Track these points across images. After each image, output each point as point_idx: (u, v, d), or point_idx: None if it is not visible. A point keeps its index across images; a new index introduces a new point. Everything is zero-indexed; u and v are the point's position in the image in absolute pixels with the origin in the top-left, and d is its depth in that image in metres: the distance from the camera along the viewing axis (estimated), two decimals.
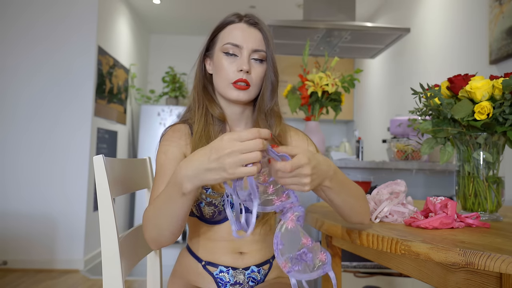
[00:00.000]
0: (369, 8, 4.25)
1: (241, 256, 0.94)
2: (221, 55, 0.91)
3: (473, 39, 2.45)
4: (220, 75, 0.91)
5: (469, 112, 0.92)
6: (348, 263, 1.96)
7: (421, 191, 2.14)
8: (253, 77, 0.90)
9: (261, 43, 0.91)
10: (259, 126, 0.95)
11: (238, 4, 4.19)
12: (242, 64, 0.88)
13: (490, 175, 0.96)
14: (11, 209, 3.07)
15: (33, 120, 3.14)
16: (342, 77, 2.18)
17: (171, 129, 0.94)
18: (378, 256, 0.91)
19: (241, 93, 0.89)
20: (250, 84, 0.89)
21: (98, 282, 2.80)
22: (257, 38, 0.90)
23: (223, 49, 0.90)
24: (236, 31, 0.90)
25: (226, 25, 0.92)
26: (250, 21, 0.92)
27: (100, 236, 0.80)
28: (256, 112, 0.96)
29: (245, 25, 0.91)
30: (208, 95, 0.96)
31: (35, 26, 3.17)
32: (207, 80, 0.97)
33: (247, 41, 0.89)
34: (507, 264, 0.57)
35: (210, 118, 0.94)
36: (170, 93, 4.67)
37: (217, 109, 0.94)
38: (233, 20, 0.92)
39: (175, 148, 0.90)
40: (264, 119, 0.96)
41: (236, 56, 0.90)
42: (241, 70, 0.88)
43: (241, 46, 0.89)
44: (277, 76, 0.95)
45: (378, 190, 0.96)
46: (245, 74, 0.88)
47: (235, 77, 0.88)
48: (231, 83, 0.89)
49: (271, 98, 0.95)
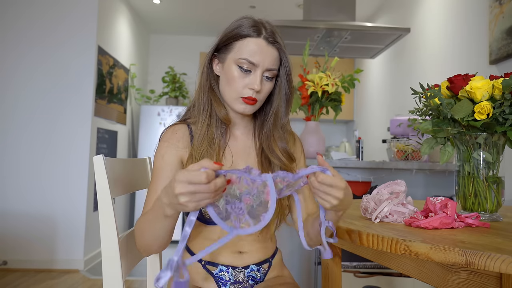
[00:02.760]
0: (369, 8, 4.25)
1: (240, 255, 0.94)
2: (234, 66, 0.89)
3: (473, 39, 2.45)
4: (230, 86, 0.90)
5: (469, 112, 0.92)
6: (348, 263, 1.96)
7: (421, 191, 2.14)
8: (261, 95, 0.91)
9: (275, 62, 0.91)
10: (274, 140, 0.95)
11: (238, 4, 4.19)
12: (254, 83, 0.88)
13: (490, 175, 0.96)
14: (11, 209, 3.07)
15: (33, 120, 3.14)
16: (342, 77, 2.18)
17: (171, 129, 0.94)
18: (378, 256, 0.91)
19: (248, 107, 0.90)
20: (258, 100, 0.91)
21: (98, 282, 2.80)
22: (273, 56, 0.90)
23: (237, 62, 0.88)
24: (254, 47, 0.88)
25: (245, 36, 0.89)
26: (269, 39, 0.89)
27: (100, 236, 0.80)
28: (272, 126, 0.96)
29: (264, 42, 0.89)
30: (215, 96, 0.95)
31: (35, 26, 3.17)
32: (214, 80, 0.96)
33: (264, 60, 0.88)
34: (507, 264, 0.57)
35: (214, 120, 0.94)
36: (170, 93, 4.67)
37: (223, 110, 0.94)
38: (252, 33, 0.89)
39: (173, 151, 0.90)
40: (280, 132, 0.96)
41: (249, 71, 0.89)
42: (252, 88, 0.88)
43: (257, 65, 0.88)
44: (292, 91, 0.96)
45: (378, 190, 0.96)
46: (255, 93, 0.89)
47: (245, 93, 0.89)
48: (240, 97, 0.89)
49: (285, 113, 0.97)
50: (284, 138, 0.96)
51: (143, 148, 4.40)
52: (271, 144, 0.95)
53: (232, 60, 0.89)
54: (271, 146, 0.95)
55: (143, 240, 0.80)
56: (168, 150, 0.90)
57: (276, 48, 0.90)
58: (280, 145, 0.95)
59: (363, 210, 0.96)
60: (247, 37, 0.89)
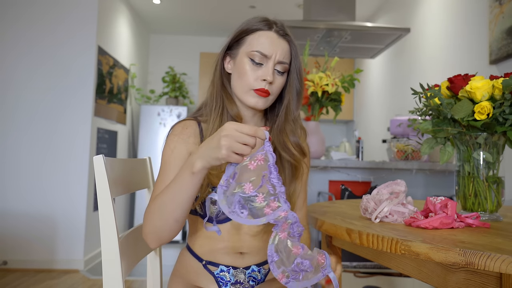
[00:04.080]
0: (369, 8, 4.25)
1: (241, 255, 0.94)
2: (246, 59, 0.90)
3: (473, 39, 2.45)
4: (241, 79, 0.90)
5: (469, 112, 0.91)
6: (348, 263, 1.96)
7: (421, 191, 2.14)
8: (274, 88, 0.91)
9: (287, 55, 0.91)
10: (286, 134, 0.96)
11: (238, 4, 4.19)
12: (267, 75, 0.88)
13: (490, 175, 0.96)
14: (11, 209, 3.07)
15: (33, 120, 3.14)
16: (342, 77, 2.18)
17: (182, 124, 0.94)
18: (378, 256, 0.91)
19: (260, 100, 0.90)
20: (271, 93, 0.90)
21: (98, 282, 2.80)
22: (285, 49, 0.90)
23: (250, 54, 0.89)
24: (265, 40, 0.89)
25: (256, 30, 0.91)
26: (280, 31, 0.91)
27: (100, 236, 0.80)
28: (284, 121, 0.97)
29: (275, 35, 0.90)
30: (227, 93, 0.96)
31: (35, 26, 3.17)
32: (226, 78, 0.97)
33: (275, 52, 0.89)
34: (507, 264, 0.57)
35: (226, 117, 0.94)
36: (170, 93, 4.67)
37: (235, 107, 0.95)
38: (263, 27, 0.91)
39: (182, 145, 0.90)
40: (292, 125, 0.97)
41: (261, 64, 0.90)
42: (264, 79, 0.88)
43: (269, 56, 0.89)
44: (302, 86, 0.96)
45: (378, 190, 0.96)
46: (267, 85, 0.89)
47: (258, 85, 0.89)
48: (252, 90, 0.89)
49: (296, 107, 0.97)
50: (296, 132, 0.97)
51: (143, 148, 4.40)
52: (283, 139, 0.95)
53: (244, 53, 0.90)
54: (283, 140, 0.95)
55: (157, 218, 0.79)
56: (178, 144, 0.90)
57: (287, 40, 0.91)
58: (292, 139, 0.96)
59: (363, 210, 0.96)
60: (259, 30, 0.90)
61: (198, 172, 0.72)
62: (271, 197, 0.67)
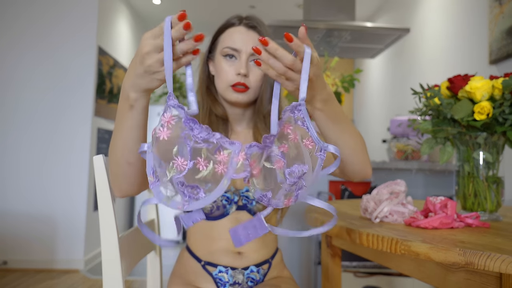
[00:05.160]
0: (369, 8, 4.25)
1: (240, 256, 0.94)
2: (221, 58, 0.92)
3: (473, 39, 2.45)
4: (220, 78, 0.92)
5: (469, 112, 0.92)
6: (348, 263, 1.96)
7: (421, 191, 2.14)
8: (251, 80, 0.91)
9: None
10: (257, 128, 0.97)
11: (238, 4, 4.19)
12: (240, 68, 0.89)
13: (490, 175, 0.96)
14: (11, 209, 3.07)
15: (33, 120, 3.14)
16: (342, 77, 2.18)
17: None
18: (378, 256, 0.91)
19: (240, 95, 0.91)
20: (249, 86, 0.91)
21: (98, 282, 2.80)
22: (255, 41, 0.91)
23: (222, 52, 0.92)
24: (235, 35, 0.92)
25: (226, 28, 0.94)
26: (249, 24, 0.93)
27: (100, 236, 0.80)
28: (256, 114, 0.98)
29: (244, 28, 0.92)
30: (212, 96, 0.98)
31: (35, 26, 3.17)
32: (210, 81, 1.00)
33: (246, 44, 0.90)
34: (507, 264, 0.57)
35: (214, 118, 0.96)
36: None
37: (220, 108, 0.97)
38: (233, 23, 0.93)
39: None
40: (262, 121, 0.97)
41: (235, 59, 0.91)
42: (239, 73, 0.89)
43: (239, 50, 0.90)
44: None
45: (378, 190, 0.96)
46: (243, 78, 0.90)
47: (234, 80, 0.90)
48: (230, 86, 0.90)
49: (269, 101, 0.96)
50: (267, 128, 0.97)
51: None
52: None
53: (218, 53, 0.93)
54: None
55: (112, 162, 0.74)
56: None
57: (257, 31, 0.93)
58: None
59: (363, 210, 0.96)
60: (229, 28, 0.93)
61: (135, 103, 0.66)
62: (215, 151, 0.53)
